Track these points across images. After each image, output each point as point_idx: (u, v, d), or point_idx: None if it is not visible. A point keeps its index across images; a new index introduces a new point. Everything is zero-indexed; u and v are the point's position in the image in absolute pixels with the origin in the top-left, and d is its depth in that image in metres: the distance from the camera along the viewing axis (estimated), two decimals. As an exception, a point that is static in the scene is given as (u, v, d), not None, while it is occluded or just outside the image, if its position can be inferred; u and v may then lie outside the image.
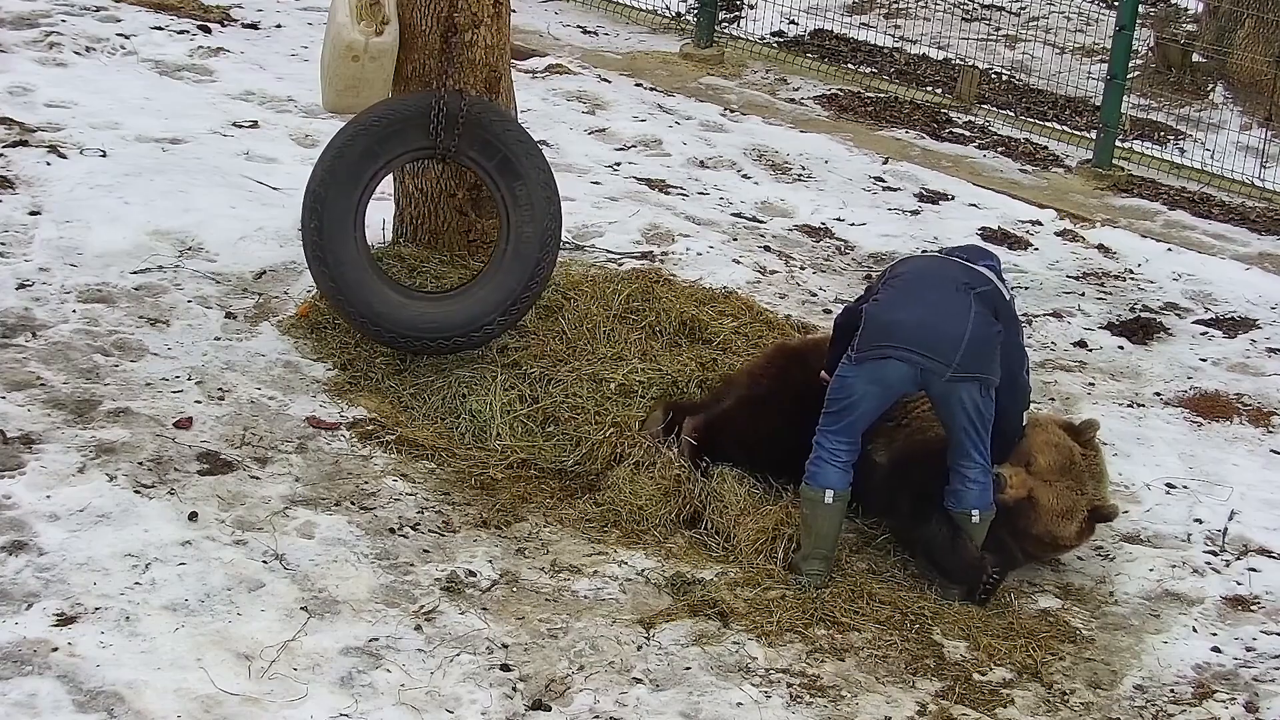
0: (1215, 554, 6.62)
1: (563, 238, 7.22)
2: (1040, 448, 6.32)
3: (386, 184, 7.38)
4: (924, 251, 9.17)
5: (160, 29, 10.91)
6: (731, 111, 11.29)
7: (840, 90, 12.12)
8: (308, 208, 6.88)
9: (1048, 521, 6.27)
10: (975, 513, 6.11)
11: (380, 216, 7.58)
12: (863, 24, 13.68)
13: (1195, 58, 12.87)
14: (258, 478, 6.26)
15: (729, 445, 6.60)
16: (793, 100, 11.89)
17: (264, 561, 5.77)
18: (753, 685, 5.54)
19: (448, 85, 7.03)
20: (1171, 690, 5.81)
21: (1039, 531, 6.29)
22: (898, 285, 6.21)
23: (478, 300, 6.93)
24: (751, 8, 13.52)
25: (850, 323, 6.28)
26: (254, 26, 11.49)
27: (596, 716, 5.31)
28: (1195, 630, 6.13)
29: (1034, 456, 6.29)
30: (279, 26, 11.56)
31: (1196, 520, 6.82)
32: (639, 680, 5.50)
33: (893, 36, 13.46)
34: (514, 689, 5.36)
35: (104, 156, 8.63)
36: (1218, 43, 12.74)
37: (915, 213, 9.84)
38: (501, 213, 7.03)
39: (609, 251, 8.50)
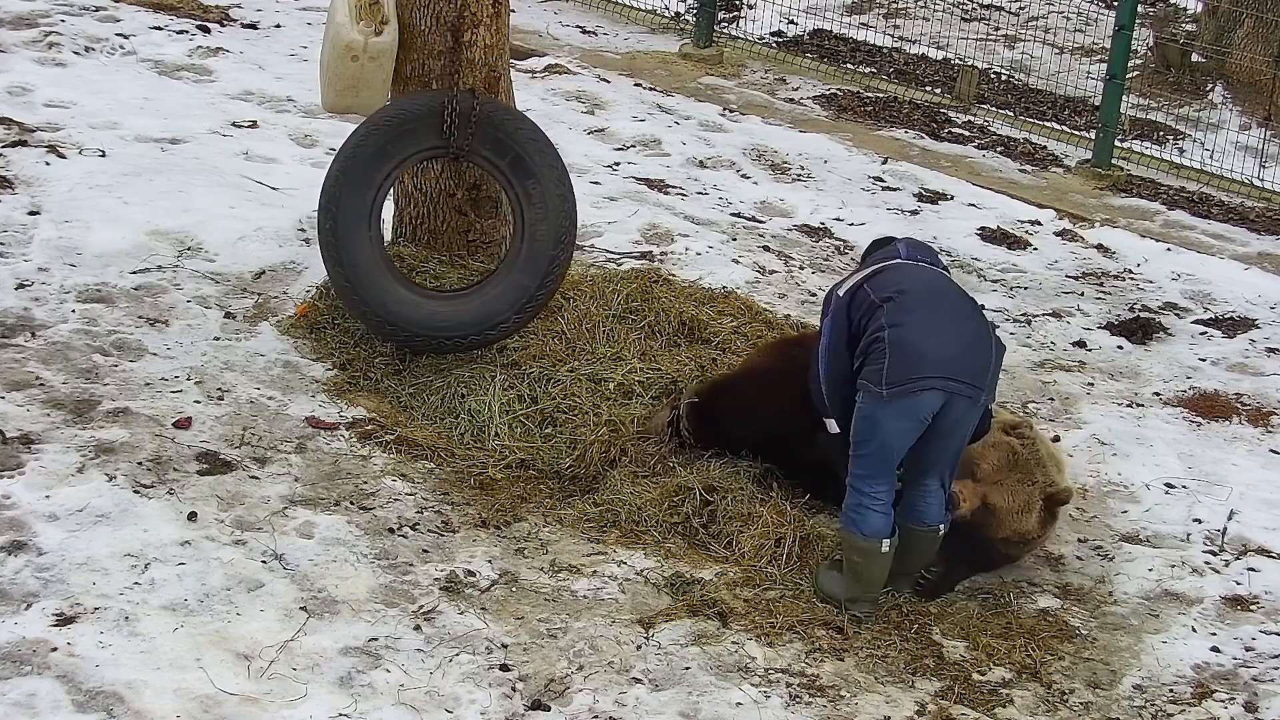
0: (1214, 554, 6.62)
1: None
2: (980, 454, 6.21)
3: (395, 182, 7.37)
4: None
5: (159, 29, 10.91)
6: (730, 111, 11.29)
7: (839, 90, 12.13)
8: (322, 208, 6.90)
9: (1009, 521, 6.20)
10: (941, 526, 6.02)
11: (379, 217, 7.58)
12: (862, 24, 13.68)
13: (1194, 57, 12.88)
14: (257, 478, 6.26)
15: (732, 410, 6.55)
16: (792, 100, 11.90)
17: (263, 561, 5.77)
18: (752, 685, 5.54)
19: (459, 84, 7.04)
20: (1170, 690, 5.81)
21: (1006, 534, 6.24)
22: (912, 306, 5.84)
23: (492, 299, 6.93)
24: (751, 7, 13.53)
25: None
26: (253, 26, 11.49)
27: (596, 716, 5.31)
28: (1194, 630, 6.13)
29: (977, 464, 6.19)
30: (278, 26, 11.56)
31: (1196, 520, 6.82)
32: (638, 680, 5.50)
33: (892, 36, 13.46)
34: (513, 689, 5.36)
35: (103, 156, 8.63)
36: (1217, 42, 12.74)
37: (914, 212, 9.85)
38: (515, 211, 7.03)
39: (608, 251, 8.50)
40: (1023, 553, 6.40)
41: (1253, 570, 6.50)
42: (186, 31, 10.99)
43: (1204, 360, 8.26)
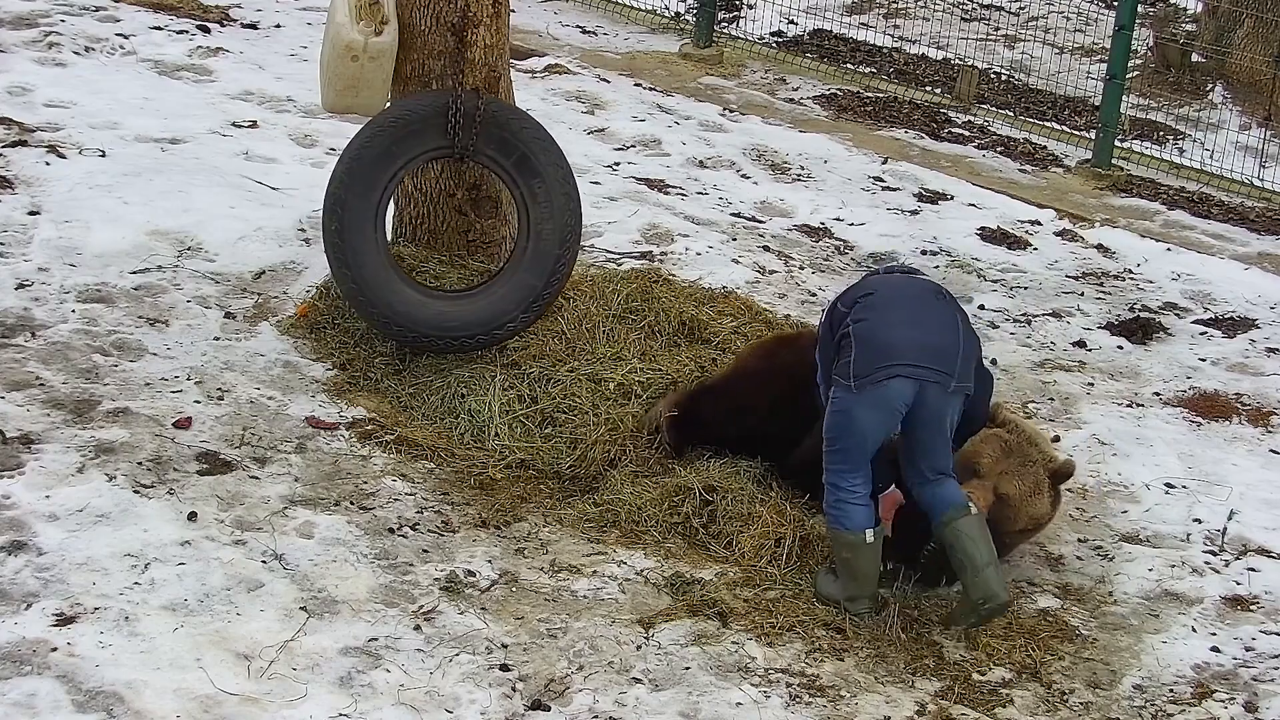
0: (1214, 554, 6.62)
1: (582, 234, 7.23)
2: (973, 451, 6.20)
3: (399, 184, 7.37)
4: (922, 252, 9.19)
5: (159, 29, 10.91)
6: (730, 111, 11.29)
7: (839, 90, 12.13)
8: (328, 210, 6.89)
9: (1025, 507, 6.19)
10: (972, 506, 5.94)
11: (380, 216, 7.59)
12: (862, 24, 13.68)
13: (1194, 57, 12.88)
14: (257, 478, 6.26)
15: (717, 416, 6.56)
16: (792, 100, 11.90)
17: (263, 561, 5.77)
18: (752, 685, 5.54)
19: (463, 84, 7.04)
20: (1171, 690, 5.82)
21: (1022, 524, 6.25)
22: (878, 304, 5.98)
23: (499, 298, 6.94)
24: (751, 7, 13.53)
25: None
26: (253, 26, 11.49)
27: (596, 716, 5.31)
28: (1194, 630, 6.14)
29: (976, 462, 6.17)
30: (278, 26, 11.56)
31: (1196, 520, 6.82)
32: (638, 680, 5.50)
33: (892, 36, 13.46)
34: (513, 689, 5.37)
35: (103, 156, 8.62)
36: (1217, 42, 12.74)
37: (914, 212, 9.85)
38: (520, 211, 7.04)
39: (608, 251, 8.50)
40: (1033, 537, 6.39)
41: (1253, 570, 6.51)
42: (186, 31, 10.98)
43: (1204, 360, 8.26)
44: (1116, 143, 11.03)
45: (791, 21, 13.37)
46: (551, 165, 7.02)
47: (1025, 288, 8.96)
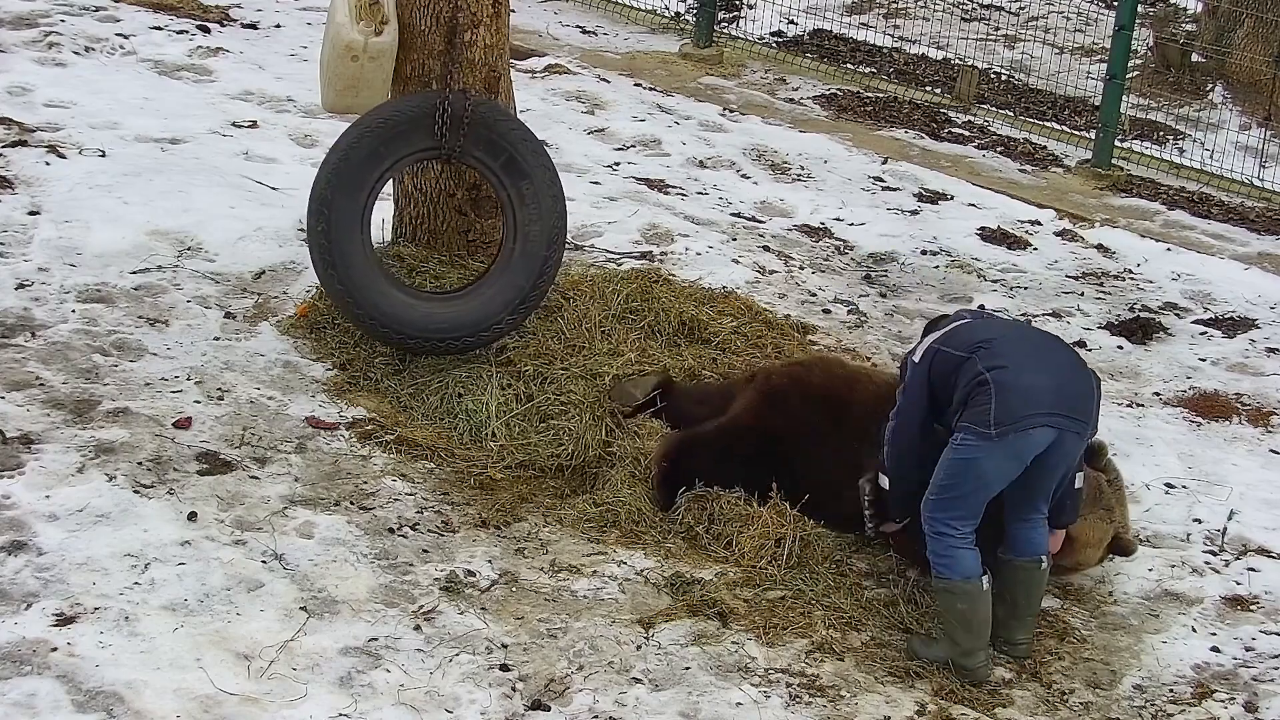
0: (1214, 554, 6.62)
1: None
2: None
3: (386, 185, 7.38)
4: (922, 252, 9.19)
5: (159, 29, 10.91)
6: (730, 111, 11.29)
7: (839, 90, 12.13)
8: (314, 211, 6.87)
9: (1081, 554, 6.20)
10: (1044, 559, 5.89)
11: (379, 217, 7.57)
12: (862, 24, 13.68)
13: (1194, 57, 12.88)
14: (257, 478, 6.26)
15: (706, 471, 6.43)
16: (792, 100, 11.90)
17: (263, 561, 5.77)
18: (752, 685, 5.54)
19: (451, 85, 7.04)
20: (1170, 690, 5.82)
21: (1070, 564, 6.23)
22: (1006, 350, 5.72)
23: (487, 300, 6.94)
24: (751, 7, 13.53)
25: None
26: (253, 26, 11.49)
27: (596, 716, 5.31)
28: (1194, 630, 6.14)
29: None
30: (278, 26, 11.56)
31: (1196, 520, 6.82)
32: (638, 680, 5.50)
33: (892, 36, 13.46)
34: (513, 689, 5.37)
35: (103, 156, 8.62)
36: (1217, 42, 12.75)
37: (914, 212, 9.85)
38: (508, 212, 7.03)
39: (608, 251, 8.50)
40: (1066, 576, 6.34)
41: (1253, 570, 6.51)
42: (186, 31, 10.98)
43: (1204, 360, 8.27)
44: (1116, 143, 11.03)
45: (791, 21, 13.37)
46: (539, 167, 7.01)
47: (1025, 288, 8.96)
